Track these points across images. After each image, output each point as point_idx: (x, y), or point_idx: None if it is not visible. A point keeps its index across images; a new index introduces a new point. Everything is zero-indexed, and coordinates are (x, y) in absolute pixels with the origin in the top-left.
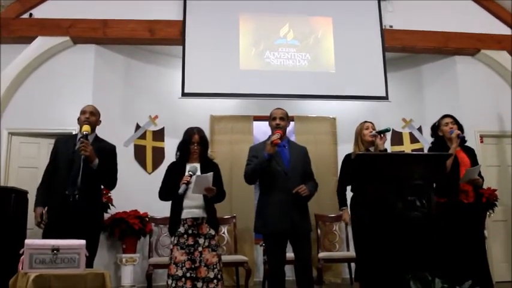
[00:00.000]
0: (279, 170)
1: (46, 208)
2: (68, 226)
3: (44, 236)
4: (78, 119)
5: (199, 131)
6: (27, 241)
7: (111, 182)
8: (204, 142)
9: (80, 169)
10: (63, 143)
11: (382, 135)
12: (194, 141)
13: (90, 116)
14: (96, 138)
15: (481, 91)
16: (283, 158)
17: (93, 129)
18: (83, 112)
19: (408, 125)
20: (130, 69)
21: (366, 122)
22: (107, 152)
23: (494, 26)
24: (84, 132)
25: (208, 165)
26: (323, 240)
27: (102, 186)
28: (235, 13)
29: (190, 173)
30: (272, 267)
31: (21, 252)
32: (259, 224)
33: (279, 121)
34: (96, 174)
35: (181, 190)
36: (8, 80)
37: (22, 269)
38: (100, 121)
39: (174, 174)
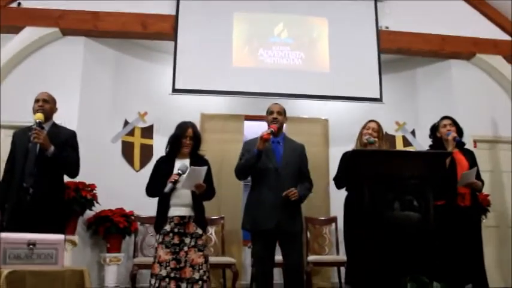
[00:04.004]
0: (270, 166)
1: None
2: (28, 218)
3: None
4: (32, 108)
5: (193, 125)
6: (1, 235)
7: (72, 170)
8: (197, 137)
9: (35, 158)
10: (19, 135)
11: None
12: (187, 135)
13: (44, 104)
14: (54, 125)
15: (475, 95)
16: (276, 154)
17: (49, 117)
18: (36, 100)
19: (401, 128)
20: (120, 64)
21: (370, 121)
22: (65, 139)
23: (490, 30)
24: (37, 120)
25: (199, 161)
26: (312, 243)
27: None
28: (229, 9)
29: (179, 171)
30: (258, 267)
31: None
32: (247, 221)
33: (276, 115)
34: (53, 162)
35: (167, 189)
36: None
37: None
38: (56, 108)
39: (163, 169)
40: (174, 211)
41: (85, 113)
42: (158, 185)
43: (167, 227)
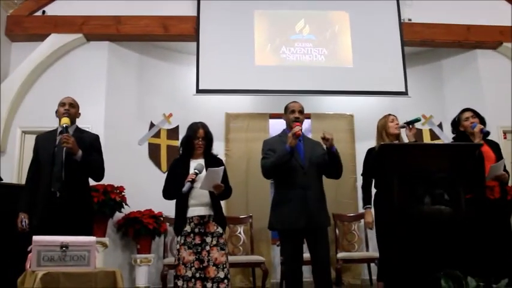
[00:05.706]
0: (296, 164)
1: (26, 214)
2: (57, 223)
3: None
4: (56, 111)
5: (203, 125)
6: (35, 238)
7: (98, 173)
8: (208, 137)
9: (62, 163)
10: (43, 139)
11: (411, 126)
12: (199, 136)
13: (70, 108)
14: (77, 129)
15: (503, 85)
16: (300, 152)
17: (73, 121)
18: (62, 104)
19: (428, 121)
20: (144, 67)
21: (389, 114)
22: (89, 142)
23: None
24: (64, 125)
25: (213, 161)
26: (342, 240)
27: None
28: (250, 8)
29: (196, 171)
30: (288, 265)
31: (29, 249)
32: (275, 221)
33: (298, 114)
34: (80, 166)
35: (185, 188)
36: (21, 78)
37: (30, 267)
38: (79, 113)
39: (178, 171)
40: (193, 211)
41: (111, 117)
42: (175, 187)
43: (187, 228)
